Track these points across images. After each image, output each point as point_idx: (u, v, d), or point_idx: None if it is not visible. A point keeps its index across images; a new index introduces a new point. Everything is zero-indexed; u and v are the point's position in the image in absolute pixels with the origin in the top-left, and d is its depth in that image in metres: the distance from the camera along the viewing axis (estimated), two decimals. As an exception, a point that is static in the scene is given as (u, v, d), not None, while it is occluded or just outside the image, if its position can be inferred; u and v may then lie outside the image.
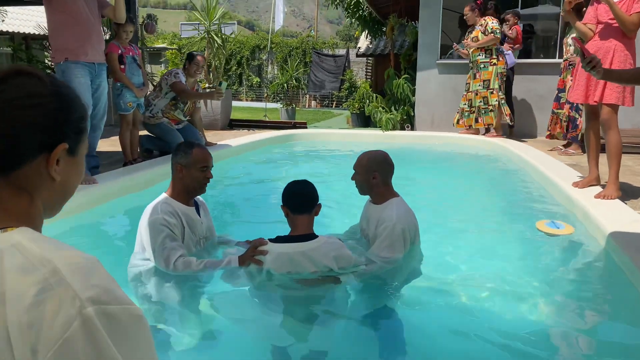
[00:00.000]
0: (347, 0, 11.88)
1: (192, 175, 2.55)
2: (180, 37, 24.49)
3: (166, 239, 2.44)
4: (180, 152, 2.57)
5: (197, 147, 2.61)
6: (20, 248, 0.73)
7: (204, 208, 2.81)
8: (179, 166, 2.55)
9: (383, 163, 2.71)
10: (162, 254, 2.43)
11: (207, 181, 2.62)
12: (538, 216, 3.82)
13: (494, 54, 7.25)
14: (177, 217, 2.53)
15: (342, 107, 19.63)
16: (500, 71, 7.28)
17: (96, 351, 0.67)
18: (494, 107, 7.31)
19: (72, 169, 0.88)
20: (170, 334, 2.24)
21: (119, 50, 5.01)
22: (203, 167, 2.56)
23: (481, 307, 2.50)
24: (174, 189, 2.60)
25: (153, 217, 2.47)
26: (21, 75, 0.82)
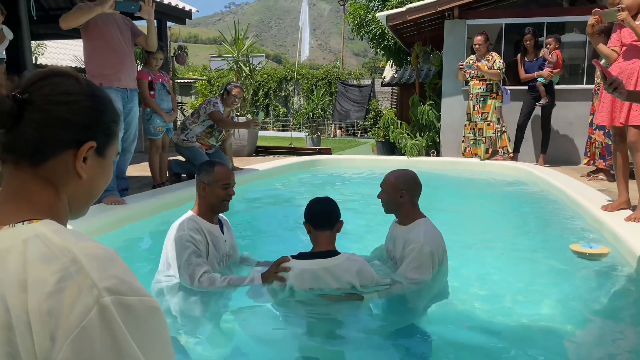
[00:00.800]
0: (372, 32, 12.06)
1: (214, 193, 2.60)
2: (210, 69, 25.21)
3: (192, 256, 2.48)
4: (203, 171, 2.64)
5: (219, 166, 2.66)
6: (43, 238, 0.75)
7: (228, 226, 2.86)
8: (202, 185, 2.62)
9: (411, 182, 2.69)
10: (188, 270, 2.47)
11: (230, 198, 2.66)
12: (569, 239, 3.73)
13: (494, 89, 7.52)
14: (202, 234, 2.57)
15: (367, 136, 19.71)
16: (498, 105, 7.52)
17: (112, 340, 0.68)
18: (485, 140, 7.60)
19: (99, 169, 0.90)
20: (192, 349, 2.25)
21: (149, 77, 5.18)
22: (225, 185, 2.62)
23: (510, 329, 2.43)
24: (199, 206, 2.65)
25: (179, 234, 2.52)
26: (60, 76, 0.86)
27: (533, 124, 7.89)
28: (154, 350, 0.73)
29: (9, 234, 0.76)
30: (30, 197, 0.83)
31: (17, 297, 0.70)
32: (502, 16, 8.59)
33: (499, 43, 9.04)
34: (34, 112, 0.81)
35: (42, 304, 0.68)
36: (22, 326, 0.69)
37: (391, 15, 8.42)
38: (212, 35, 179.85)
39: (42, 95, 0.82)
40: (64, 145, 0.84)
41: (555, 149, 7.85)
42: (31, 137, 0.81)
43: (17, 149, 0.82)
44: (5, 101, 0.79)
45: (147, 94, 5.14)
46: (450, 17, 8.46)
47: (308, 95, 21.78)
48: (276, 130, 23.70)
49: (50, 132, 0.82)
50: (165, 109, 5.31)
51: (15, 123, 0.81)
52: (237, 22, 9.85)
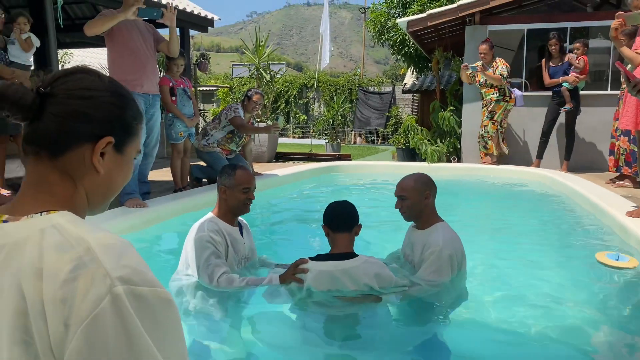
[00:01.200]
0: (393, 38, 12.06)
1: (235, 196, 2.64)
2: (231, 77, 25.50)
3: (211, 256, 2.51)
4: (224, 174, 2.67)
5: (240, 169, 2.69)
6: (59, 228, 0.77)
7: (247, 230, 2.88)
8: (223, 187, 2.65)
9: (430, 182, 2.69)
10: (207, 270, 2.49)
11: (250, 202, 2.69)
12: (594, 246, 3.65)
13: (507, 93, 7.63)
14: (222, 236, 2.60)
15: (387, 143, 19.66)
16: (509, 108, 7.69)
17: (124, 329, 0.69)
18: (490, 137, 7.69)
19: (117, 166, 0.91)
20: (209, 349, 2.26)
21: (170, 83, 5.27)
22: (245, 189, 2.64)
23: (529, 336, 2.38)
24: (220, 209, 2.69)
25: (199, 234, 2.55)
26: (83, 72, 0.89)
27: (556, 129, 7.77)
28: (166, 342, 0.74)
29: (27, 224, 0.78)
30: (49, 189, 0.85)
31: (32, 285, 0.71)
32: (524, 21, 8.50)
33: (521, 49, 8.96)
34: (54, 105, 0.84)
35: (57, 292, 0.70)
36: (37, 313, 0.70)
37: (412, 21, 8.41)
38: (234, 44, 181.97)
39: (63, 89, 0.85)
40: (82, 139, 0.85)
41: (579, 155, 7.72)
42: (51, 129, 0.83)
43: (37, 141, 0.85)
44: (28, 94, 0.82)
45: (168, 100, 5.22)
46: (472, 23, 8.41)
47: (328, 102, 21.84)
48: (296, 137, 23.80)
49: (69, 125, 0.84)
50: (186, 114, 5.38)
51: (38, 115, 0.84)
52: (259, 31, 9.96)
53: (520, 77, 8.79)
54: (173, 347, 0.75)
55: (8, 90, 0.82)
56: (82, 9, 10.51)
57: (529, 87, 8.70)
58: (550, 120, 7.56)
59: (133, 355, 0.69)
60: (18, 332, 0.71)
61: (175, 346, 0.76)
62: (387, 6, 12.55)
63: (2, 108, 0.82)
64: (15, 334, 0.71)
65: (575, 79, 7.21)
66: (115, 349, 0.68)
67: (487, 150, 7.76)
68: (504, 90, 7.61)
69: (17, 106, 0.82)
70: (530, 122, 8.21)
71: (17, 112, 0.82)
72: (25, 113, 0.83)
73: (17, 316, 0.71)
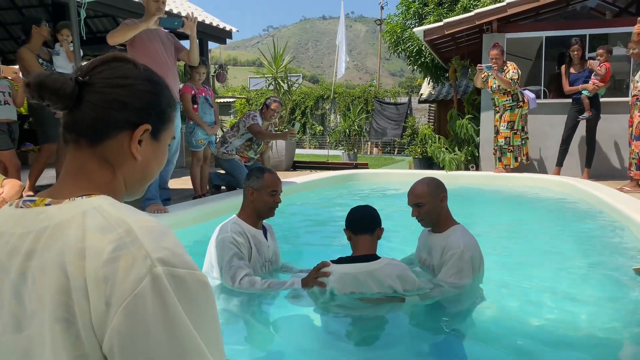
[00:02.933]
0: (409, 49, 12.08)
1: (262, 199, 2.64)
2: (248, 89, 25.71)
3: (234, 257, 2.52)
4: (252, 176, 2.69)
5: (268, 173, 2.71)
6: (100, 210, 0.79)
7: (271, 233, 2.88)
8: (251, 189, 2.66)
9: (442, 184, 2.69)
10: (229, 272, 2.51)
11: (276, 206, 2.70)
12: (618, 253, 3.59)
13: (519, 98, 7.57)
14: (245, 238, 2.61)
15: (403, 154, 19.61)
16: (524, 113, 7.63)
17: (163, 308, 0.70)
18: (514, 148, 7.62)
19: (154, 153, 0.93)
20: (231, 350, 2.26)
21: (192, 91, 5.34)
22: (273, 192, 2.66)
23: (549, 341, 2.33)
24: (245, 211, 2.70)
25: (222, 236, 2.57)
26: (119, 60, 0.90)
27: (577, 137, 7.68)
28: (203, 323, 0.75)
29: (70, 207, 0.80)
30: (89, 176, 0.87)
31: (75, 264, 0.73)
32: (542, 29, 8.46)
33: (539, 57, 8.90)
34: (92, 94, 0.85)
35: (99, 271, 0.71)
36: (79, 292, 0.72)
37: (428, 30, 8.42)
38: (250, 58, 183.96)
39: (100, 78, 0.86)
40: (120, 127, 0.87)
41: (600, 162, 7.61)
42: (89, 117, 0.85)
43: (77, 129, 0.86)
44: (68, 83, 0.84)
45: (190, 108, 5.29)
46: (489, 31, 8.39)
47: (345, 113, 21.91)
48: (312, 148, 23.86)
49: (107, 113, 0.85)
50: (207, 122, 5.45)
51: (77, 104, 0.85)
52: (276, 42, 10.07)
53: (539, 85, 8.72)
54: (209, 328, 0.76)
55: (48, 79, 0.83)
56: (104, 23, 10.75)
57: (548, 95, 8.63)
58: (570, 128, 7.48)
59: (172, 335, 0.70)
60: (60, 310, 0.72)
61: (211, 328, 0.77)
62: (403, 17, 12.59)
63: (42, 97, 0.84)
64: (57, 312, 0.72)
65: (595, 87, 7.12)
66: (155, 328, 0.70)
67: (505, 161, 7.67)
68: (517, 96, 7.54)
69: (57, 95, 0.83)
70: (549, 130, 8.12)
71: (57, 102, 0.84)
72: (65, 102, 0.84)
73: (60, 294, 0.73)
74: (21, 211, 0.83)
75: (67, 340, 0.72)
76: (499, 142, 7.71)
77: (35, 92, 0.84)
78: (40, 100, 0.84)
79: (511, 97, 7.55)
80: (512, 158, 7.64)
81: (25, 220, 0.81)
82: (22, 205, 0.84)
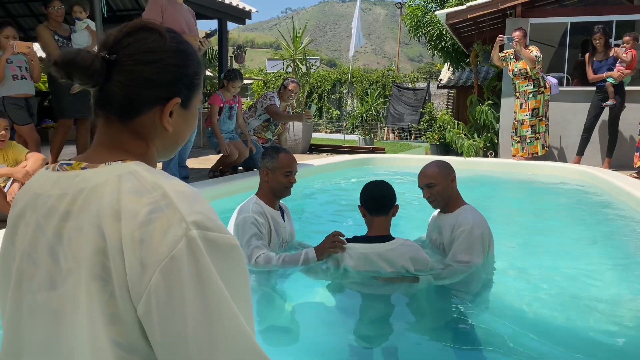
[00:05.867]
0: (429, 33, 11.91)
1: (277, 179, 2.64)
2: (265, 72, 25.61)
3: (252, 238, 2.53)
4: (267, 157, 2.68)
5: (284, 153, 2.69)
6: (135, 174, 0.80)
7: (287, 214, 2.88)
8: (265, 170, 2.66)
9: (451, 166, 2.70)
10: (247, 251, 2.52)
11: (291, 185, 2.69)
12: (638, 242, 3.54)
13: (541, 83, 7.40)
14: (266, 218, 2.61)
15: (420, 140, 19.46)
16: (546, 98, 7.46)
17: (198, 270, 0.72)
18: (540, 135, 7.46)
19: (184, 120, 0.93)
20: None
21: (221, 103, 5.39)
22: (287, 172, 2.64)
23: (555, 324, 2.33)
24: (262, 191, 2.71)
25: (244, 215, 2.58)
26: (144, 30, 0.87)
27: (599, 125, 7.54)
28: (235, 284, 0.76)
29: (105, 170, 0.81)
30: (123, 146, 0.88)
31: (112, 225, 0.74)
32: (567, 14, 8.27)
33: (562, 44, 8.72)
34: (120, 72, 0.84)
35: (135, 232, 0.73)
36: (115, 252, 0.73)
37: (451, 14, 8.28)
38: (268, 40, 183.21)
39: (127, 54, 0.84)
40: (150, 103, 0.87)
41: (622, 152, 7.46)
42: (119, 95, 0.85)
43: (107, 106, 0.86)
44: (97, 61, 0.83)
45: (214, 120, 5.34)
46: (512, 16, 8.23)
47: (362, 97, 21.74)
48: (329, 132, 23.78)
49: (137, 91, 0.85)
50: (225, 130, 5.48)
51: (105, 81, 0.84)
52: (296, 23, 10.00)
53: (562, 72, 8.55)
54: (240, 290, 0.77)
55: (77, 57, 0.82)
56: (124, 2, 10.75)
57: (572, 82, 8.46)
58: (593, 116, 7.34)
59: (206, 295, 0.72)
60: (96, 269, 0.74)
61: (243, 290, 0.78)
62: (424, 0, 12.39)
63: (72, 76, 0.83)
64: (93, 270, 0.74)
65: (620, 75, 6.96)
66: (190, 289, 0.71)
67: (532, 150, 7.53)
68: (538, 81, 7.38)
69: (88, 74, 0.82)
70: (571, 118, 7.98)
71: (87, 81, 0.83)
72: (95, 80, 0.84)
73: (97, 254, 0.74)
74: (58, 174, 0.85)
75: (102, 298, 0.74)
76: (523, 132, 7.54)
77: (63, 70, 0.83)
78: (68, 78, 0.84)
79: (532, 83, 7.39)
80: (540, 146, 7.50)
81: (61, 182, 0.83)
82: (58, 168, 0.86)
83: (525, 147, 7.55)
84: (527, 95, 7.44)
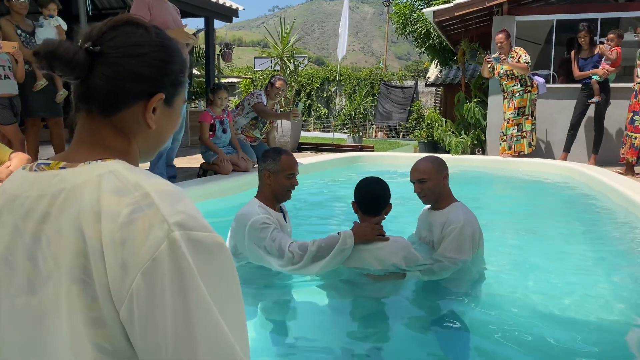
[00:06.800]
0: (417, 31, 11.95)
1: (279, 182, 2.53)
2: (253, 70, 25.52)
3: (274, 232, 2.41)
4: (268, 159, 2.55)
5: (285, 154, 2.58)
6: (116, 173, 0.77)
7: (287, 215, 2.78)
8: (267, 173, 2.54)
9: (444, 162, 2.69)
10: (275, 245, 2.38)
11: (293, 188, 2.59)
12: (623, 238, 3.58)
13: (528, 82, 7.45)
14: (273, 220, 2.50)
15: (409, 138, 19.52)
16: (533, 97, 7.51)
17: (180, 274, 0.69)
18: (527, 133, 7.50)
19: (167, 119, 0.91)
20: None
21: (212, 120, 5.34)
22: (290, 175, 2.54)
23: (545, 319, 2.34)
24: (263, 194, 2.58)
25: (254, 219, 2.43)
26: (130, 24, 0.86)
27: (585, 122, 7.62)
28: (224, 283, 0.74)
29: (85, 170, 0.79)
30: (104, 143, 0.85)
31: (92, 227, 0.72)
32: (553, 12, 8.34)
33: (549, 42, 8.78)
34: (104, 65, 0.82)
35: (115, 234, 0.71)
36: (96, 254, 0.71)
37: (438, 11, 8.32)
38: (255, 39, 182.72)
39: (112, 47, 0.82)
40: (134, 98, 0.84)
41: (608, 149, 7.54)
42: (102, 88, 0.82)
43: (90, 99, 0.84)
44: (80, 53, 0.80)
45: (206, 137, 5.30)
46: (499, 14, 8.28)
47: (350, 95, 21.75)
48: (317, 130, 23.77)
49: (121, 85, 0.83)
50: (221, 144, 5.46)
51: (87, 73, 0.82)
52: (283, 21, 9.96)
53: (548, 70, 8.63)
54: (229, 288, 0.75)
55: (59, 48, 0.79)
56: (110, 0, 10.64)
57: (558, 80, 8.54)
58: (579, 113, 7.41)
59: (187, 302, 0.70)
60: (77, 272, 0.72)
61: (232, 288, 0.76)
62: (411, -2, 12.44)
63: (54, 68, 0.81)
64: (74, 273, 0.72)
65: (605, 72, 7.04)
66: (172, 294, 0.69)
67: (519, 148, 7.57)
68: (525, 81, 7.44)
69: (71, 66, 0.80)
70: (558, 115, 8.06)
71: (70, 72, 0.81)
72: (78, 73, 0.81)
73: (77, 256, 0.72)
74: (35, 174, 0.82)
75: (83, 302, 0.72)
76: (509, 131, 7.59)
77: (45, 61, 0.80)
78: (50, 70, 0.81)
79: (519, 82, 7.45)
80: (526, 144, 7.55)
81: (39, 183, 0.80)
82: (36, 168, 0.83)
83: (513, 146, 7.60)
84: (514, 94, 7.50)
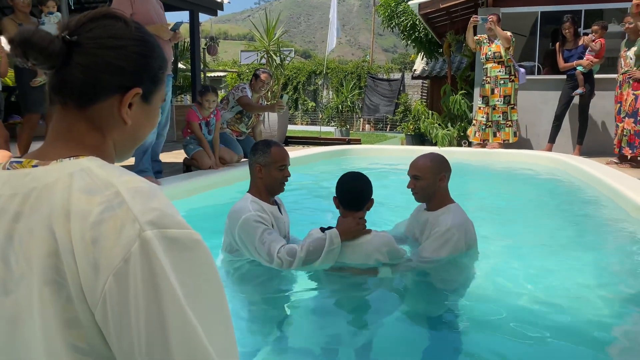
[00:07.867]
0: (403, 23, 11.93)
1: (271, 175, 2.47)
2: (239, 64, 25.34)
3: (264, 234, 2.36)
4: (259, 152, 2.50)
5: (275, 146, 2.53)
6: (88, 171, 0.76)
7: (283, 207, 2.73)
8: (258, 166, 2.48)
9: (447, 163, 2.61)
10: (264, 249, 2.35)
11: (286, 180, 2.54)
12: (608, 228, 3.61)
13: (512, 71, 7.54)
14: (267, 214, 2.46)
15: (396, 131, 19.56)
16: (516, 87, 7.62)
17: (151, 275, 0.68)
18: (513, 123, 7.61)
19: (144, 116, 0.89)
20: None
21: (199, 120, 5.29)
22: (282, 166, 2.49)
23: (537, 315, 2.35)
24: (256, 188, 2.52)
25: (246, 216, 2.38)
26: (110, 18, 0.84)
27: (569, 113, 7.69)
28: (202, 280, 0.73)
29: (57, 168, 0.77)
30: (78, 138, 0.83)
31: (63, 226, 0.71)
32: (537, 4, 8.39)
33: (533, 33, 8.84)
34: (82, 55, 0.80)
35: (86, 233, 0.69)
36: (67, 254, 0.70)
37: (424, 4, 8.33)
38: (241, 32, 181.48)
39: (90, 38, 0.81)
40: (110, 90, 0.83)
41: (592, 139, 7.64)
42: (78, 79, 0.80)
43: (65, 91, 0.82)
44: (55, 42, 0.79)
45: (200, 135, 5.29)
46: (484, 5, 8.32)
47: (337, 88, 21.71)
48: (304, 124, 23.71)
49: (97, 76, 0.81)
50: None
51: (63, 64, 0.80)
52: (269, 14, 9.90)
53: (533, 61, 8.69)
54: (208, 286, 0.74)
55: (35, 36, 0.78)
56: (92, -7, 10.48)
57: (542, 71, 8.60)
58: (563, 104, 7.48)
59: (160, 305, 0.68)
60: (50, 272, 0.70)
61: (211, 285, 0.74)
62: (397, -9, 12.40)
63: (28, 56, 0.79)
64: (46, 274, 0.70)
65: (590, 63, 7.11)
66: (144, 297, 0.68)
67: (503, 136, 7.65)
68: (510, 69, 7.50)
69: (45, 54, 0.78)
70: (543, 106, 8.13)
71: (42, 61, 0.79)
72: (51, 62, 0.79)
73: (49, 256, 0.71)
74: (8, 173, 0.80)
75: (57, 303, 0.70)
76: (494, 117, 7.68)
77: (20, 49, 0.78)
78: (24, 58, 0.79)
79: (504, 69, 7.49)
80: (512, 133, 7.64)
81: (12, 181, 0.78)
82: (9, 166, 0.81)
83: (499, 134, 7.70)
84: (499, 82, 7.55)
